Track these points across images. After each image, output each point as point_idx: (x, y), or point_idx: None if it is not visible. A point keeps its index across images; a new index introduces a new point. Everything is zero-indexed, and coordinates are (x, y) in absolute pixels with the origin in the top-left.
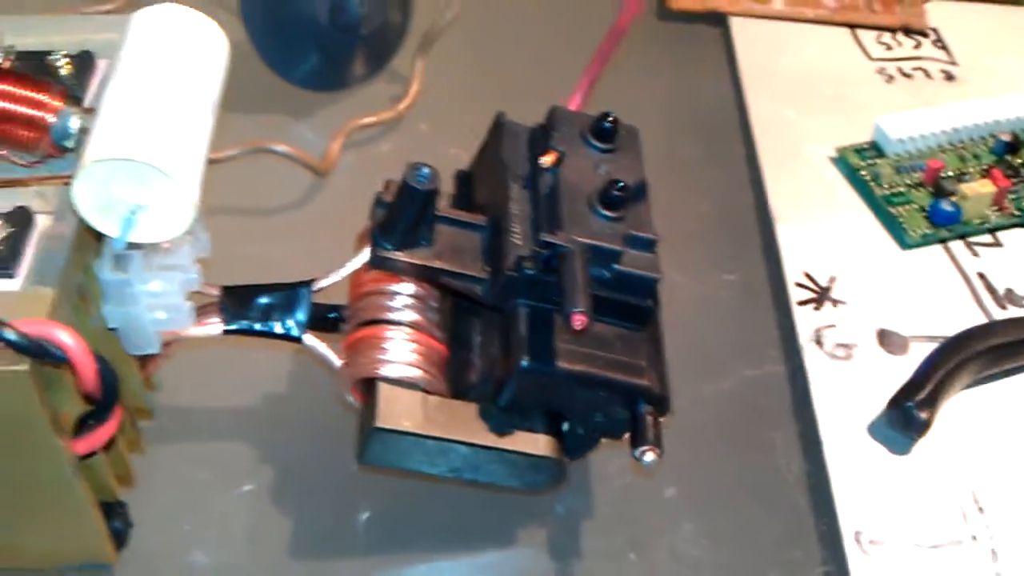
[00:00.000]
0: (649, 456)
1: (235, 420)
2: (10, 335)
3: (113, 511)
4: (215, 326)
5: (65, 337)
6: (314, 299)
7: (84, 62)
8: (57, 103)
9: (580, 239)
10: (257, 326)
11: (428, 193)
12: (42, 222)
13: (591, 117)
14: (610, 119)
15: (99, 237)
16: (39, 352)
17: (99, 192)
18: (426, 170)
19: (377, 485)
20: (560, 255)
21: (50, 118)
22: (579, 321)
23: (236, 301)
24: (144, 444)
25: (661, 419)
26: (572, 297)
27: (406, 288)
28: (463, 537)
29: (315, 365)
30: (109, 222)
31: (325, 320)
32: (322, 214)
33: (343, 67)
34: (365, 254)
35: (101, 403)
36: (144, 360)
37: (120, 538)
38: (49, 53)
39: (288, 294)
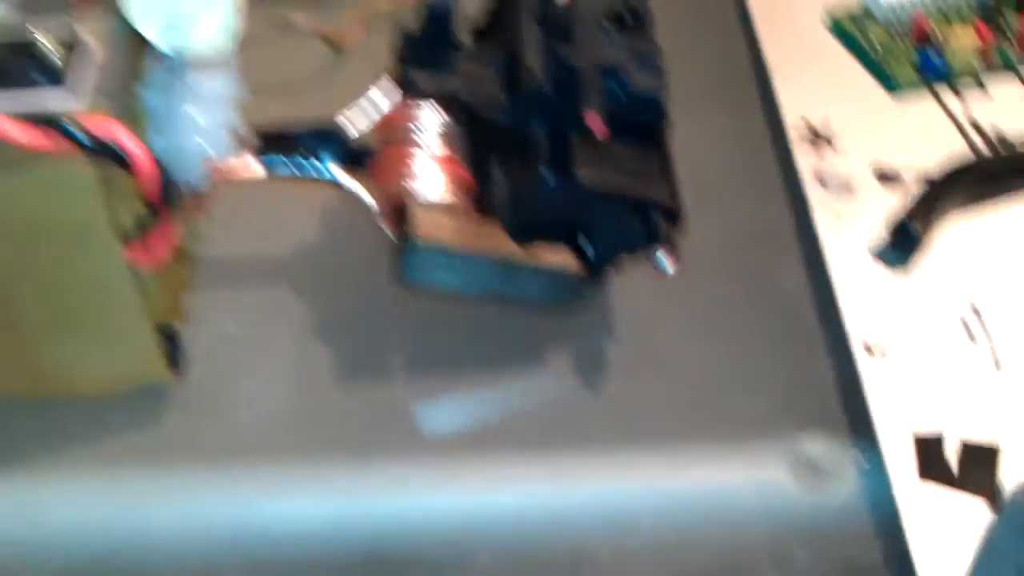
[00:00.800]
0: (665, 260)
1: (274, 264)
2: (79, 134)
3: (168, 336)
4: (253, 163)
5: (127, 138)
6: (345, 137)
7: None
8: None
9: (592, 59)
10: (292, 163)
11: (448, 11)
12: (94, 48)
13: None
14: None
15: (145, 67)
16: (104, 152)
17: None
18: None
19: (411, 320)
20: (575, 72)
21: None
22: (594, 121)
23: (271, 141)
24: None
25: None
26: (588, 103)
27: (431, 118)
28: (494, 365)
29: (347, 208)
30: (157, 31)
31: (357, 156)
32: (344, 92)
33: None
34: (385, 85)
35: (159, 207)
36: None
37: (175, 362)
38: None
39: (320, 132)
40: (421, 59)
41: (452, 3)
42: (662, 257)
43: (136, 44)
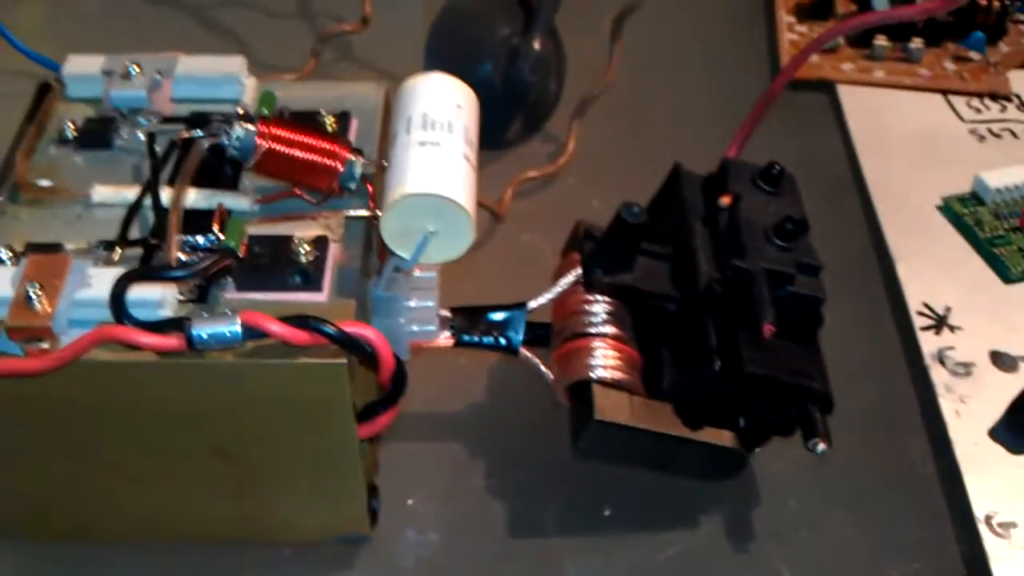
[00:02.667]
0: (821, 446)
1: (448, 422)
2: (334, 332)
3: (372, 491)
4: (449, 339)
5: (374, 336)
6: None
7: (344, 120)
8: (345, 154)
9: (761, 264)
10: (483, 340)
11: (638, 226)
12: (332, 248)
13: (757, 166)
14: (776, 167)
15: (372, 262)
16: (355, 347)
17: (402, 221)
18: (637, 208)
19: (568, 479)
20: (747, 277)
21: (339, 166)
22: (769, 330)
23: (465, 319)
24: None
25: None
26: (763, 311)
27: (604, 307)
28: (645, 525)
29: (511, 372)
30: (403, 246)
31: (536, 335)
32: (500, 250)
33: (503, 129)
34: (571, 278)
35: (390, 393)
36: None
37: (374, 515)
38: (317, 112)
39: (507, 313)
40: (603, 257)
41: (642, 214)
42: (816, 441)
43: (367, 243)
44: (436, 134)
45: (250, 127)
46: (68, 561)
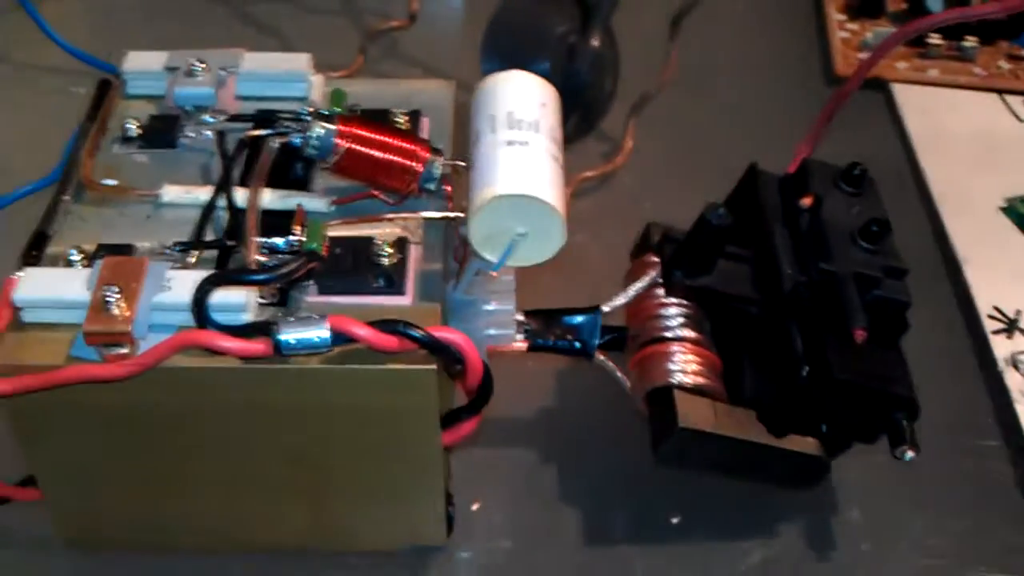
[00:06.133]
0: (909, 453)
1: (517, 424)
2: (425, 337)
3: (448, 500)
4: (522, 343)
5: (463, 341)
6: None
7: (415, 119)
8: (425, 154)
9: (848, 268)
10: (558, 343)
11: (723, 228)
12: (413, 250)
13: (838, 167)
14: (859, 167)
15: (450, 265)
16: (444, 353)
17: (491, 224)
18: (722, 210)
19: (643, 487)
20: (836, 280)
21: (420, 167)
22: (861, 335)
23: (539, 322)
24: None
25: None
26: (855, 315)
27: (682, 310)
28: (722, 535)
29: (576, 375)
30: (490, 249)
31: (614, 338)
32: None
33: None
34: (647, 281)
35: (476, 400)
36: None
37: (450, 524)
38: (388, 111)
39: (581, 316)
40: (684, 259)
41: (728, 216)
42: (904, 449)
43: (445, 245)
44: (523, 133)
45: (330, 126)
46: (129, 571)
